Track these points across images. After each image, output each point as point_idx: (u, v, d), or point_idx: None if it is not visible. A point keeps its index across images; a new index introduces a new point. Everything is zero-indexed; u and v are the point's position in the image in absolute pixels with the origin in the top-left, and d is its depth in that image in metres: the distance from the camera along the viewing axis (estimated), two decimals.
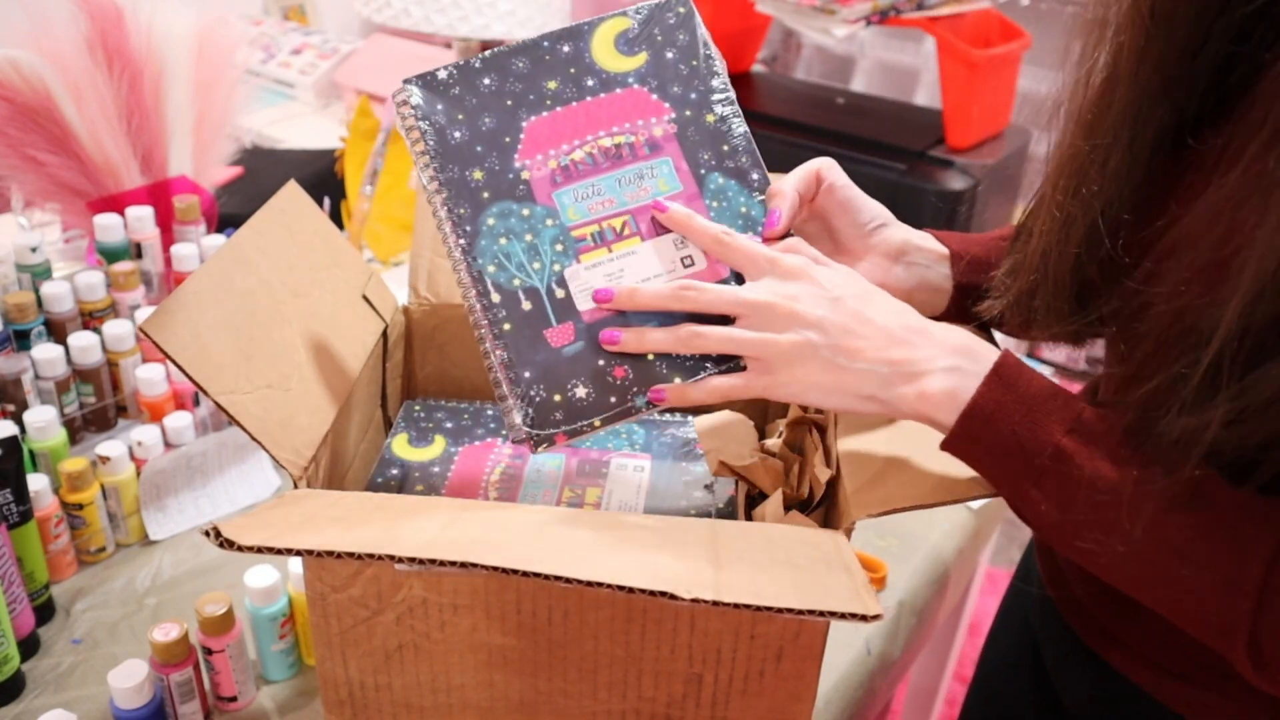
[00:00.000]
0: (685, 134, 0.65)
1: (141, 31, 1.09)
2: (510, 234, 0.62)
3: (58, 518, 0.84)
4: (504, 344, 0.61)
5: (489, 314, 0.61)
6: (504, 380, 0.61)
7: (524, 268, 0.62)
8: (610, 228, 0.63)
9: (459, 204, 0.62)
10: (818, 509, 0.66)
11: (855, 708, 0.84)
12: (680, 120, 0.65)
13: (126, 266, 1.01)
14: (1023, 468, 0.53)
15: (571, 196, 0.63)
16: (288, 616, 0.77)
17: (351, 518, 0.55)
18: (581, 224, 0.63)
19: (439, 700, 0.60)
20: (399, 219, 1.39)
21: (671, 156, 0.65)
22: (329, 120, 1.92)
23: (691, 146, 0.65)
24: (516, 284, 0.62)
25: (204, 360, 0.57)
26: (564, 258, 0.62)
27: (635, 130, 0.65)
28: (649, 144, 0.64)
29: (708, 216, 0.63)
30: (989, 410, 0.53)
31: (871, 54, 3.06)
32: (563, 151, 0.64)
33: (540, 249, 0.62)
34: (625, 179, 0.64)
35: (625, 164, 0.64)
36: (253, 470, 0.98)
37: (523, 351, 0.61)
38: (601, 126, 0.64)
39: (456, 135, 0.63)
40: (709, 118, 0.66)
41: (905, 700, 1.42)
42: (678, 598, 0.47)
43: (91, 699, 0.75)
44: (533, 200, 0.63)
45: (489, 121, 0.63)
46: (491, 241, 0.62)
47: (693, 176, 0.64)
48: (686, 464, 0.76)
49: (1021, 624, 0.81)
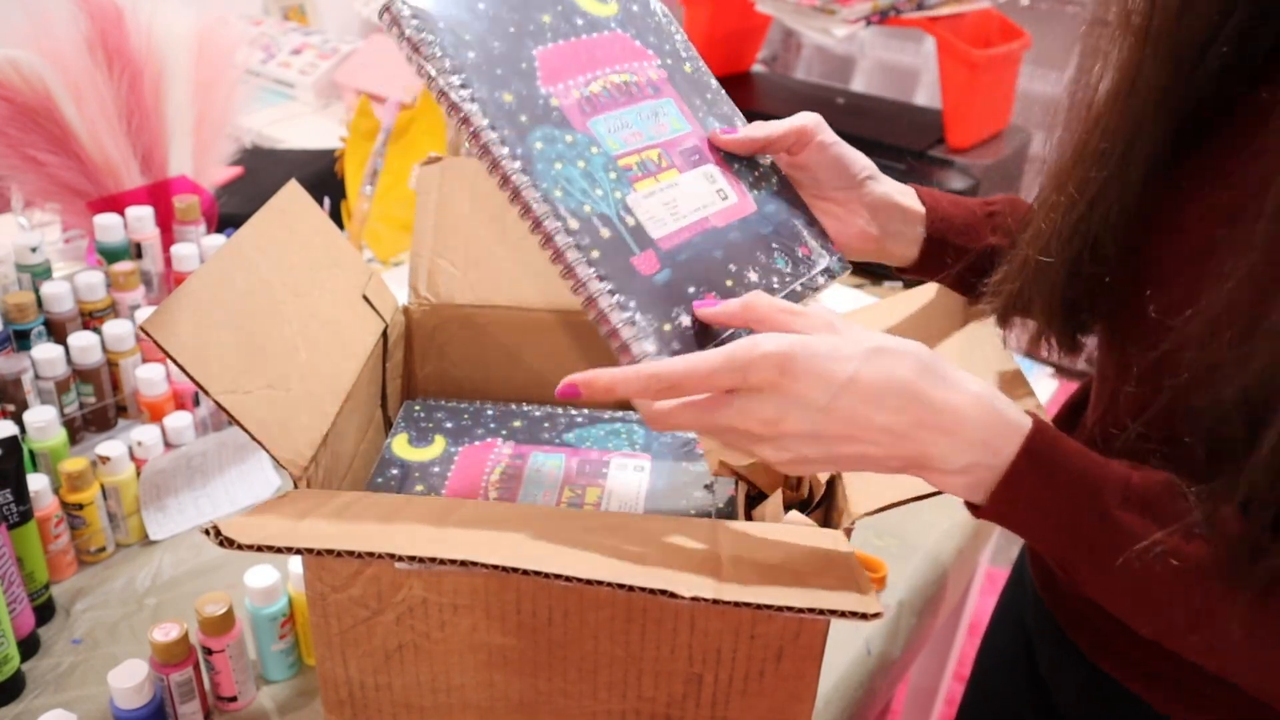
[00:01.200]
0: (675, 80, 0.64)
1: (141, 31, 1.09)
2: (562, 159, 0.56)
3: (58, 518, 0.84)
4: (600, 273, 0.54)
5: (575, 239, 0.54)
6: (612, 309, 0.54)
7: (588, 194, 0.55)
8: (649, 159, 0.59)
9: (500, 127, 0.54)
10: (818, 509, 0.66)
11: (855, 708, 0.84)
12: (666, 67, 0.64)
13: (126, 266, 1.01)
14: (1069, 541, 0.50)
15: (605, 126, 0.59)
16: (288, 616, 0.77)
17: (351, 517, 0.55)
18: (624, 154, 0.59)
19: (439, 700, 0.60)
20: (399, 219, 1.39)
21: (673, 98, 0.63)
22: (329, 120, 1.92)
23: (684, 92, 0.64)
24: (588, 210, 0.55)
25: (204, 360, 0.57)
26: (621, 185, 0.57)
27: (636, 70, 0.62)
28: (651, 85, 0.63)
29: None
30: (1017, 498, 0.49)
31: (871, 54, 3.06)
32: (580, 83, 0.59)
33: (596, 176, 0.56)
34: (644, 114, 0.61)
35: (638, 100, 0.61)
36: (253, 470, 0.98)
37: (620, 280, 0.54)
38: (605, 64, 0.61)
39: (470, 56, 0.55)
40: (687, 68, 0.65)
41: (905, 700, 1.42)
42: (678, 596, 0.47)
43: (91, 699, 0.75)
44: (571, 127, 0.57)
45: (497, 46, 0.57)
46: (548, 166, 0.55)
47: (695, 118, 0.63)
48: (686, 464, 0.76)
49: (1017, 624, 0.81)
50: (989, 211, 0.71)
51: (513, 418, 0.81)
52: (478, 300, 0.82)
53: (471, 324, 0.83)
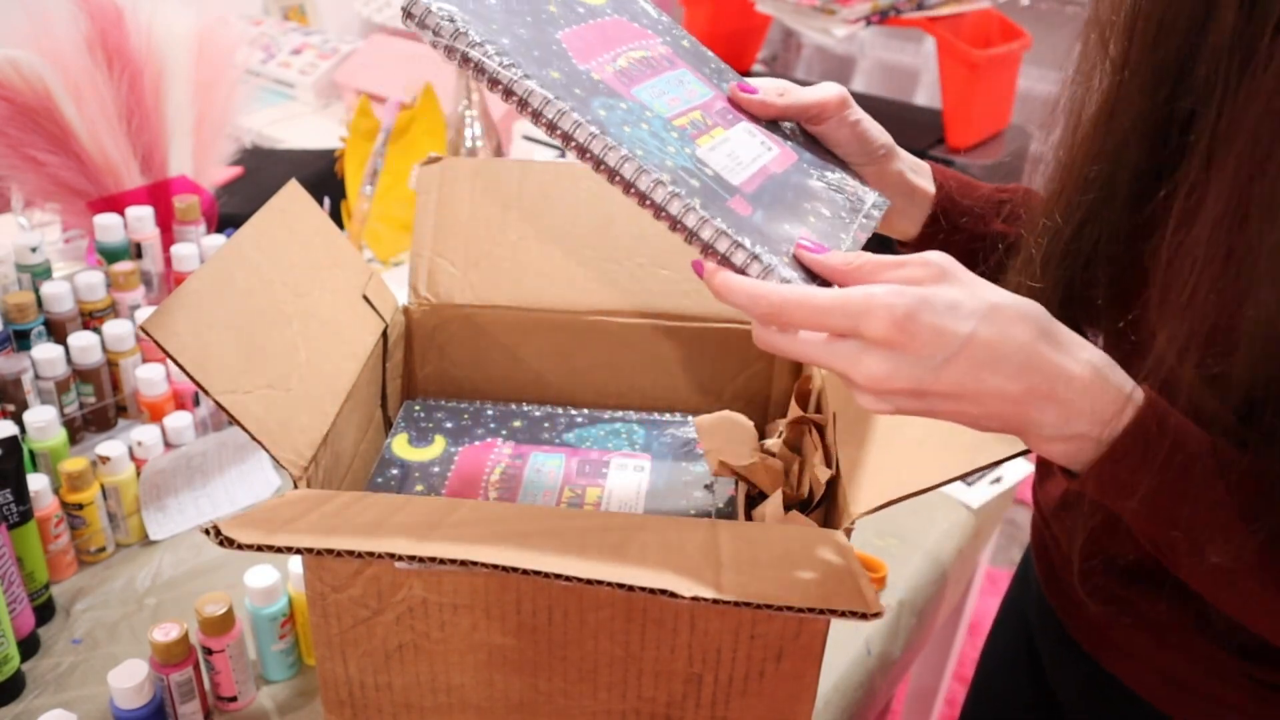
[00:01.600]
0: (681, 53, 0.64)
1: (141, 31, 1.09)
2: (628, 123, 0.54)
3: (58, 518, 0.84)
4: (709, 215, 0.51)
5: (676, 189, 0.51)
6: (734, 250, 0.51)
7: (662, 150, 0.54)
8: (695, 120, 0.59)
9: (561, 100, 0.52)
10: (818, 509, 0.66)
11: (855, 708, 0.84)
12: (669, 43, 0.64)
13: (126, 266, 1.01)
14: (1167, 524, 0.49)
15: (648, 94, 0.58)
16: (288, 616, 0.77)
17: (351, 517, 0.55)
18: (675, 115, 0.58)
19: (439, 700, 0.61)
20: (399, 219, 1.39)
21: (687, 68, 0.64)
22: (329, 120, 1.92)
23: (693, 63, 0.64)
24: (671, 164, 0.53)
25: (205, 359, 0.57)
26: (686, 142, 0.56)
27: (648, 47, 0.62)
28: (665, 59, 0.63)
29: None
30: (1122, 478, 0.48)
31: (871, 54, 3.06)
32: (609, 59, 0.58)
33: (662, 135, 0.55)
34: (673, 82, 0.61)
35: (662, 71, 0.61)
36: (253, 470, 0.98)
37: (730, 220, 0.52)
38: (621, 43, 0.61)
39: (505, 42, 0.53)
40: (685, 43, 0.65)
41: (905, 700, 1.42)
42: (678, 596, 0.47)
43: (91, 699, 0.75)
44: (620, 96, 0.56)
45: (524, 33, 0.55)
46: (619, 129, 0.53)
47: (712, 84, 0.64)
48: (686, 464, 0.76)
49: (1020, 623, 0.81)
50: (1000, 199, 0.72)
51: (513, 418, 0.81)
52: (478, 300, 0.82)
53: (471, 324, 0.83)
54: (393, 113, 1.37)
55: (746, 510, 0.70)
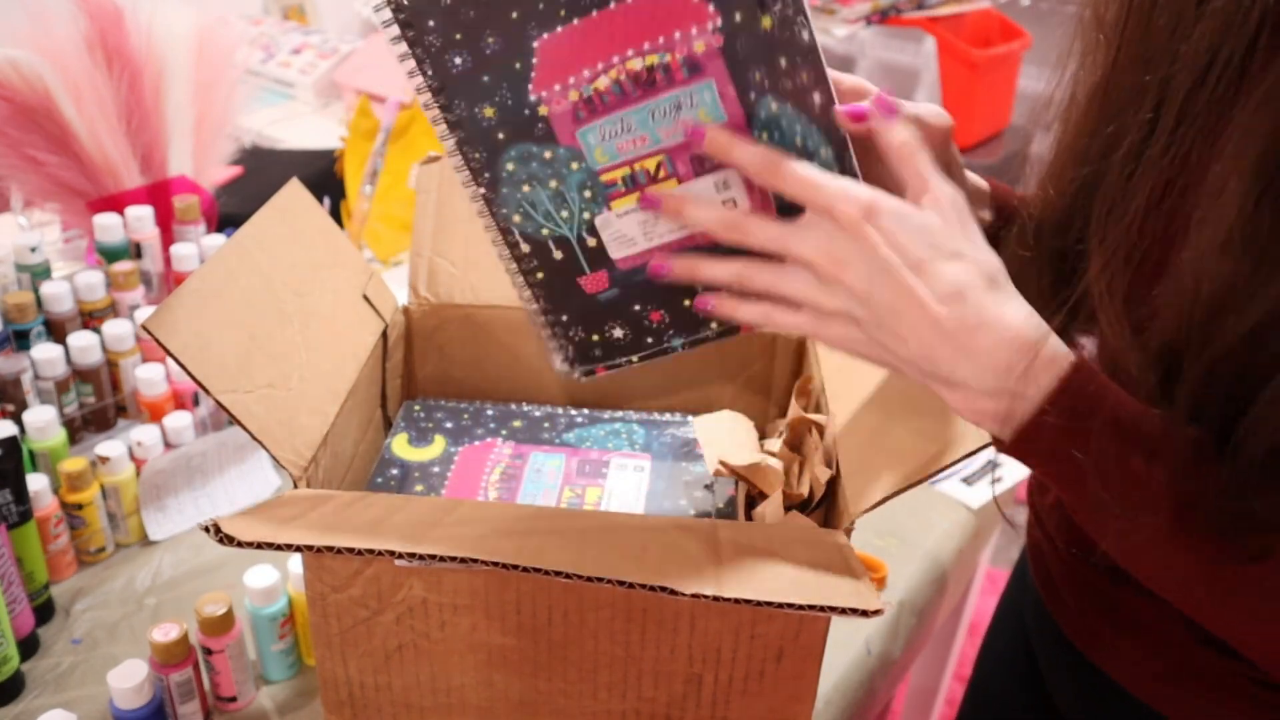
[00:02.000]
0: (734, 47, 0.51)
1: (141, 31, 1.09)
2: (534, 180, 0.55)
3: (57, 518, 0.83)
4: (539, 292, 0.61)
5: (521, 264, 0.60)
6: (543, 324, 0.62)
7: (551, 216, 0.57)
8: (643, 170, 0.55)
9: (474, 148, 0.55)
10: (818, 509, 0.66)
11: (855, 708, 0.84)
12: (729, 29, 0.50)
13: (126, 266, 1.01)
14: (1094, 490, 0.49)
15: (598, 135, 0.54)
16: (288, 616, 0.77)
17: (351, 516, 0.55)
18: (610, 166, 0.55)
19: (439, 700, 0.61)
20: (399, 219, 1.39)
21: (715, 79, 0.52)
22: (329, 120, 1.92)
23: (740, 65, 0.51)
24: (545, 234, 0.58)
25: (206, 359, 0.57)
26: (594, 205, 0.56)
27: (671, 46, 0.51)
28: (688, 64, 0.51)
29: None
30: (1042, 437, 0.48)
31: (871, 54, 3.05)
32: (584, 79, 0.53)
33: (568, 196, 0.56)
34: (659, 111, 0.53)
35: (660, 92, 0.53)
36: (253, 470, 0.98)
37: (558, 300, 0.61)
38: (629, 44, 0.52)
39: (458, 62, 0.53)
40: (765, 22, 0.50)
41: (905, 700, 1.42)
42: (678, 593, 0.47)
43: (91, 699, 0.75)
44: (554, 141, 0.55)
45: (493, 43, 0.52)
46: (514, 190, 0.56)
47: (740, 103, 0.52)
48: (686, 464, 0.76)
49: (1017, 624, 0.81)
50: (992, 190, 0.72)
51: (513, 418, 0.81)
52: (478, 300, 0.82)
53: (471, 324, 0.83)
54: (392, 112, 1.37)
55: (746, 510, 0.70)
